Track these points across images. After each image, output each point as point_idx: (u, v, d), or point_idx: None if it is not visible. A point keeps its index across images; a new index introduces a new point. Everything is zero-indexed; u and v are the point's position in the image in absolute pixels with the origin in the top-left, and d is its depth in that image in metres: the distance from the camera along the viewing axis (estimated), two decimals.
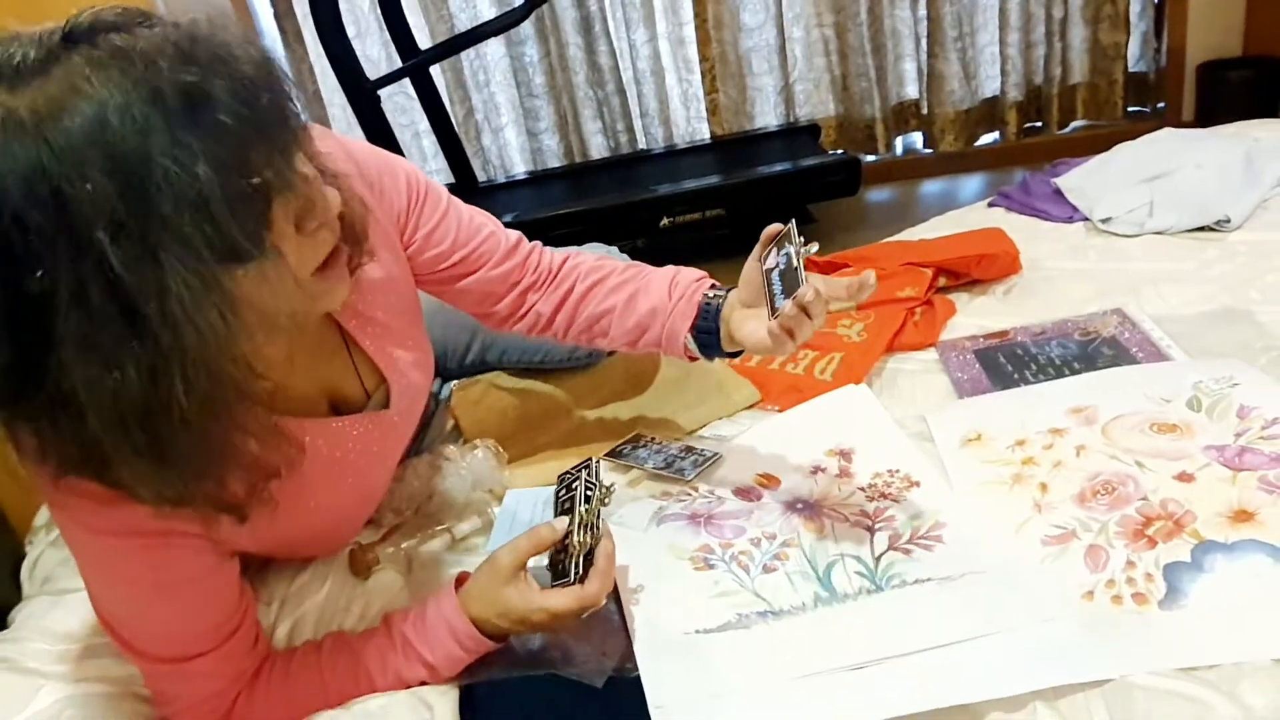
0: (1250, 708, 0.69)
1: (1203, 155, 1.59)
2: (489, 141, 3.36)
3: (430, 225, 0.93)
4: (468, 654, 0.81)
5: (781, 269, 0.83)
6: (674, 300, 0.95)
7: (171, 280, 0.55)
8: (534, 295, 1.01)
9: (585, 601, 0.79)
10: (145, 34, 0.57)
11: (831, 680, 0.77)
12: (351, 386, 0.89)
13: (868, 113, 3.29)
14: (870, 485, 1.02)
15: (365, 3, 3.13)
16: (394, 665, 0.81)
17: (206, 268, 0.56)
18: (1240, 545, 0.82)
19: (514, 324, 1.03)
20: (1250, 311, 1.20)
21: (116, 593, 0.74)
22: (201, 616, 0.76)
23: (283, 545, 0.92)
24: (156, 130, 0.54)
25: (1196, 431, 0.97)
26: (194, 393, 0.58)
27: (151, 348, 0.56)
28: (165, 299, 0.55)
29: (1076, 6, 3.13)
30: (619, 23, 3.21)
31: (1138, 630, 0.76)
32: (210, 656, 0.76)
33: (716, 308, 0.92)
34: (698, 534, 0.98)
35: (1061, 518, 0.90)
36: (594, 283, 1.00)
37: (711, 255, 3.04)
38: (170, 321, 0.56)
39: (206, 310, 0.57)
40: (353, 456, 0.88)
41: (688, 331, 0.94)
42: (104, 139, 0.53)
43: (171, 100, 0.55)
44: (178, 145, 0.54)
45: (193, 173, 0.54)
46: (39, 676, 0.87)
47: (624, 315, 0.98)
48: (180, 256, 0.55)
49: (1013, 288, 1.41)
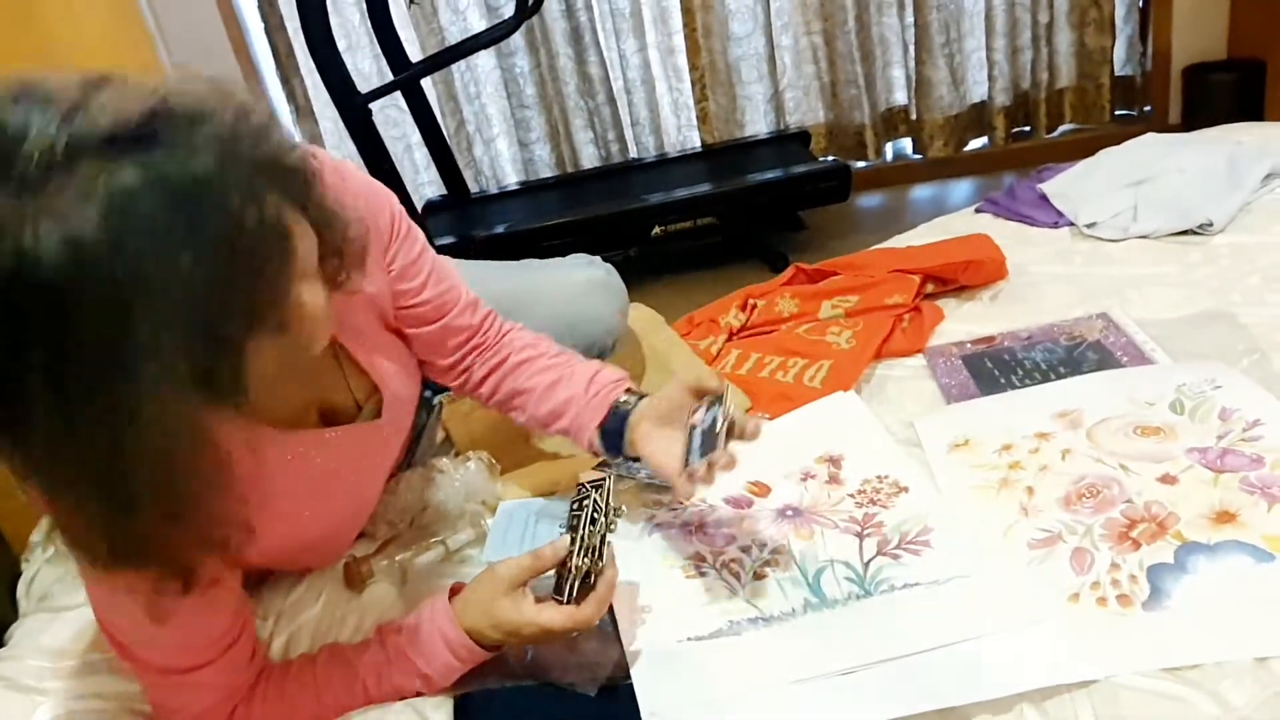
0: (1232, 706, 0.70)
1: (1186, 160, 1.61)
2: (481, 152, 3.37)
3: (408, 259, 0.94)
4: (462, 663, 0.82)
5: (704, 429, 0.88)
6: (589, 395, 0.97)
7: (145, 404, 0.54)
8: (475, 356, 1.04)
9: (578, 623, 0.80)
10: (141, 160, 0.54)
11: (822, 685, 0.78)
12: (342, 398, 0.90)
13: (857, 119, 3.31)
14: (859, 491, 1.03)
15: (356, 17, 3.14)
16: (389, 676, 0.82)
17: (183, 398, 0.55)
18: (1222, 546, 0.83)
19: (451, 378, 1.05)
20: (1233, 314, 1.21)
21: (119, 603, 0.75)
22: (203, 628, 0.77)
23: (279, 556, 0.93)
24: (144, 261, 0.52)
25: (1179, 434, 0.98)
26: (146, 478, 0.57)
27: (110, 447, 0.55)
28: (135, 419, 0.54)
29: (1062, 11, 3.15)
30: (609, 33, 3.23)
31: (1122, 631, 0.77)
32: (210, 668, 0.77)
33: (624, 413, 0.95)
34: (689, 542, 0.99)
35: (1047, 521, 0.91)
36: (524, 359, 1.03)
37: (703, 263, 3.06)
38: (136, 438, 0.55)
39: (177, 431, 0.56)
40: (345, 468, 0.89)
41: (595, 428, 0.96)
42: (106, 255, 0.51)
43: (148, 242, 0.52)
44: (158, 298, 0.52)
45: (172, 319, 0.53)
46: (37, 694, 0.88)
47: (542, 398, 1.00)
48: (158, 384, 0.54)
49: (999, 293, 1.43)
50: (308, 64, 2.97)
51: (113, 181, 0.52)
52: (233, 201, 0.55)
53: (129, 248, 0.51)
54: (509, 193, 3.29)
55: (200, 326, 0.54)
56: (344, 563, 0.99)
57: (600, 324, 1.26)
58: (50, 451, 0.55)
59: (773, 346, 1.38)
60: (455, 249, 2.80)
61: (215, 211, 0.54)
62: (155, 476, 0.57)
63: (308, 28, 2.55)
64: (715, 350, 1.41)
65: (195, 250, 0.53)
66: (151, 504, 0.58)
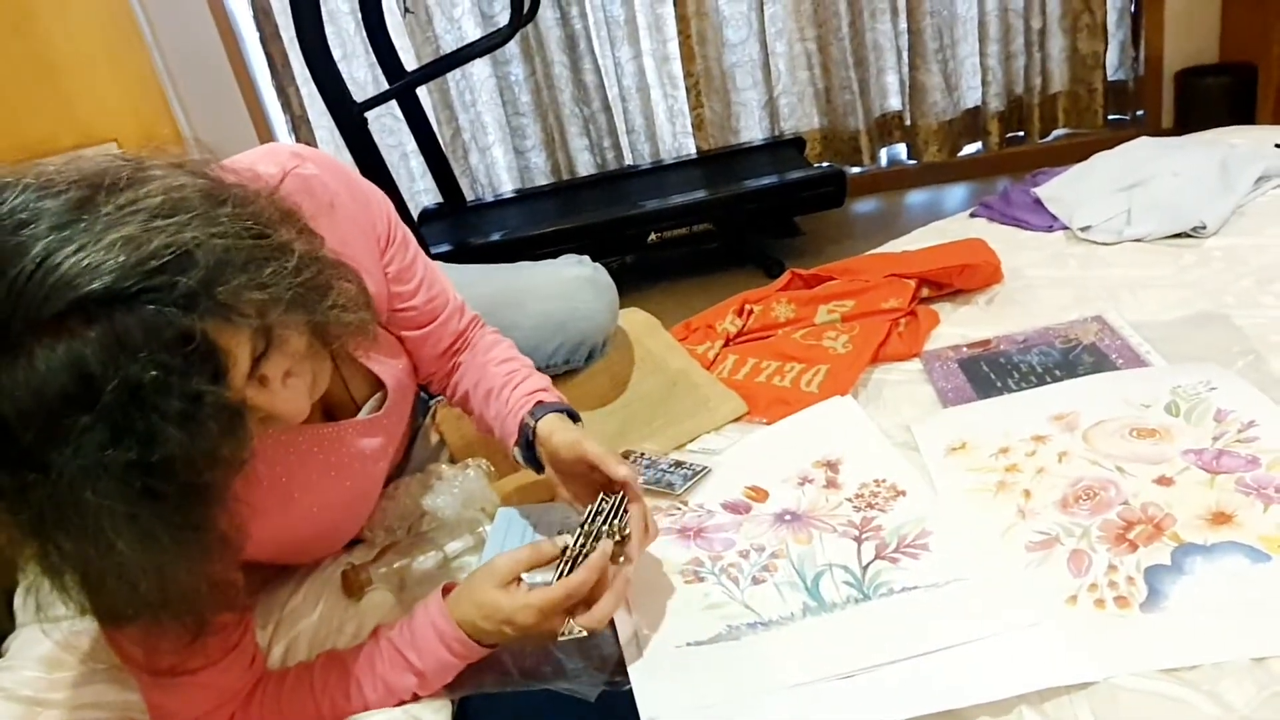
0: (1231, 706, 0.70)
1: (1179, 163, 1.62)
2: (476, 160, 3.38)
3: (402, 264, 0.96)
4: (456, 658, 0.81)
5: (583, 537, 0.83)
6: (508, 411, 0.98)
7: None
8: (460, 359, 1.06)
9: (570, 589, 0.78)
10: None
11: (821, 689, 0.78)
12: (340, 394, 0.92)
13: (852, 125, 3.32)
14: (857, 495, 1.03)
15: (351, 26, 3.15)
16: (382, 673, 0.81)
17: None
18: (1219, 547, 0.83)
19: (438, 382, 1.07)
20: (1226, 316, 1.21)
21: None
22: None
23: (283, 549, 0.94)
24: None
25: (1175, 436, 0.98)
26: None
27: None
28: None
29: (1055, 17, 3.17)
30: (603, 41, 3.24)
31: (1120, 633, 0.78)
32: (211, 670, 0.77)
33: (528, 438, 0.95)
34: (688, 547, 0.99)
35: (1045, 524, 0.91)
36: (481, 364, 1.04)
37: (699, 270, 3.07)
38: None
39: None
40: (348, 459, 0.90)
41: (514, 445, 0.98)
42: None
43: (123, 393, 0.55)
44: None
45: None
46: (34, 705, 0.88)
47: (481, 405, 1.03)
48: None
49: (995, 297, 1.43)
50: (303, 73, 2.98)
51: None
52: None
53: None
54: (505, 200, 3.29)
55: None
56: (341, 570, 0.99)
57: (590, 321, 1.27)
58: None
59: (769, 351, 1.39)
60: (451, 256, 2.80)
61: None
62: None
63: (303, 37, 2.56)
64: (712, 355, 1.41)
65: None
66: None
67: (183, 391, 0.55)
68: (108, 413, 0.54)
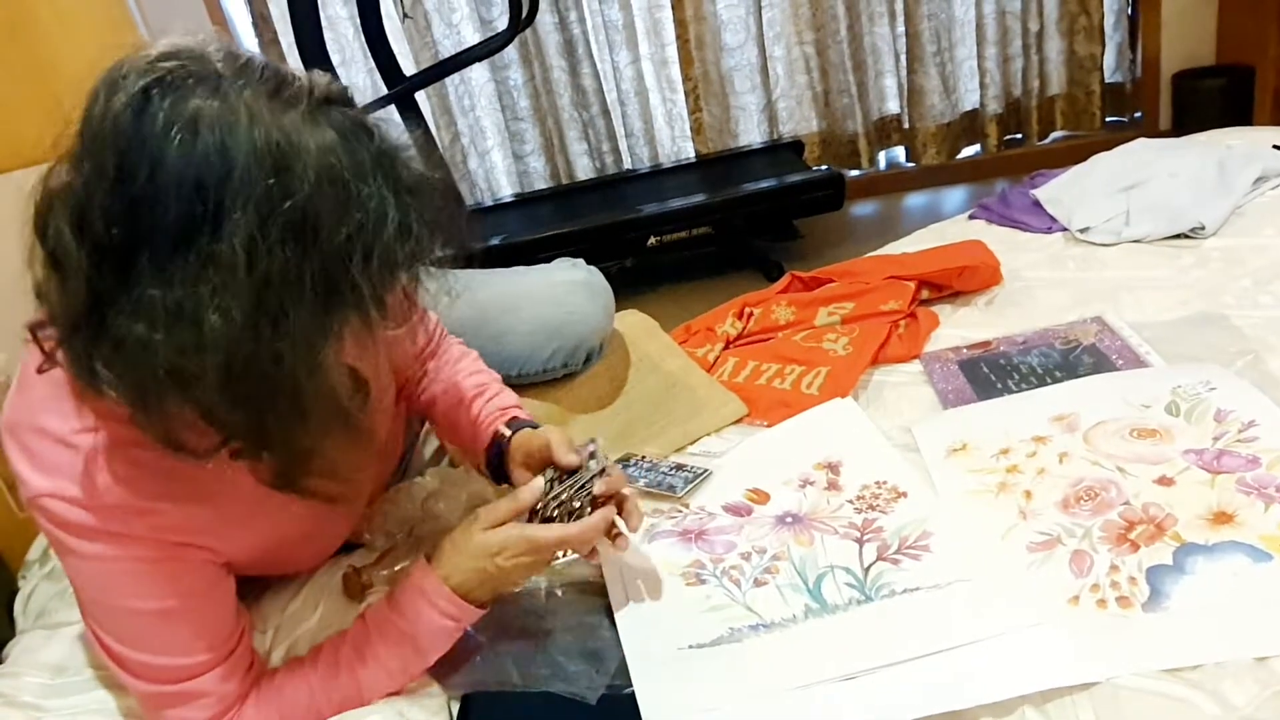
0: (1234, 706, 0.70)
1: (1177, 164, 1.62)
2: (476, 165, 3.38)
3: None
4: (444, 618, 0.80)
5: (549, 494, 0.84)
6: (478, 424, 1.00)
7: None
8: (429, 362, 1.07)
9: (568, 539, 0.78)
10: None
11: (824, 691, 0.78)
12: None
13: (850, 128, 3.33)
14: (858, 497, 1.03)
15: (350, 31, 3.16)
16: (375, 648, 0.80)
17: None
18: (1220, 546, 0.83)
19: (409, 387, 1.07)
20: (1225, 316, 1.22)
21: (120, 613, 0.75)
22: (203, 633, 0.77)
23: (276, 549, 0.92)
24: (372, 186, 0.61)
25: (1175, 436, 0.99)
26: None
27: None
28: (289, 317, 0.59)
29: (1052, 20, 3.18)
30: (602, 45, 3.25)
31: (1122, 633, 0.77)
32: (209, 676, 0.77)
33: (499, 447, 0.96)
34: (689, 550, 0.99)
35: (1046, 524, 0.91)
36: (449, 373, 1.06)
37: (698, 273, 3.07)
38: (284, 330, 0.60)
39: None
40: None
41: (482, 453, 0.99)
42: (331, 164, 0.60)
43: (390, 174, 0.63)
44: (381, 201, 0.61)
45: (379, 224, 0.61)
46: (35, 710, 0.88)
47: (445, 416, 1.04)
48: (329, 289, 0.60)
49: (994, 298, 1.44)
50: None
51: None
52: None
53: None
54: (504, 204, 3.30)
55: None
56: (343, 573, 0.99)
57: (586, 324, 1.28)
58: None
59: (770, 354, 1.39)
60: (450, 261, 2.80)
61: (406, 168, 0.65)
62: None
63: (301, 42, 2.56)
64: (712, 358, 1.41)
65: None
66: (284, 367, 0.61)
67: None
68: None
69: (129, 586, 0.73)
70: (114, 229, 0.58)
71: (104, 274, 0.59)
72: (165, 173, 0.57)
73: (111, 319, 0.59)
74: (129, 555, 0.72)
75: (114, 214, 0.58)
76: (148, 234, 0.57)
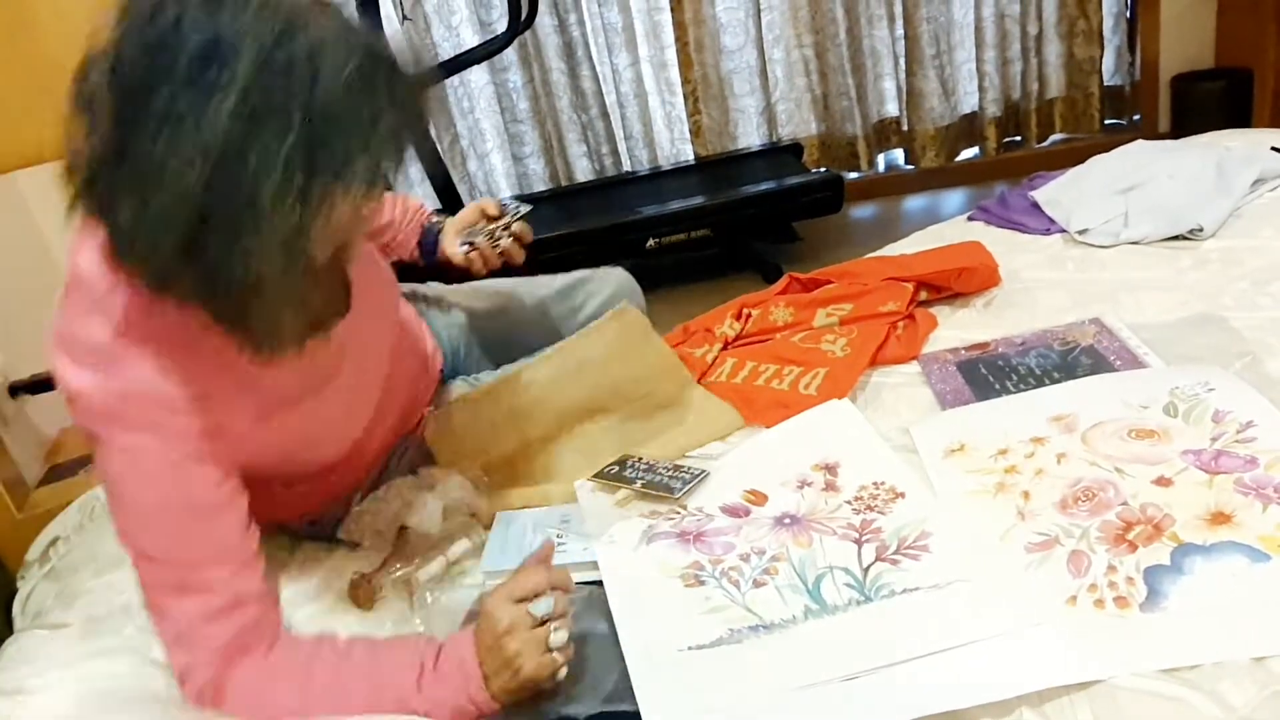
0: (1232, 706, 0.70)
1: (1175, 166, 1.63)
2: (475, 167, 3.38)
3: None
4: (460, 697, 0.81)
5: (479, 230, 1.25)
6: (405, 221, 1.29)
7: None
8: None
9: (519, 577, 0.84)
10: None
11: (824, 692, 0.78)
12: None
13: (849, 131, 3.33)
14: (857, 498, 1.03)
15: None
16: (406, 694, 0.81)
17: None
18: (1218, 547, 0.83)
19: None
20: (1224, 317, 1.22)
21: (141, 505, 0.80)
22: (215, 533, 0.81)
23: (292, 449, 0.95)
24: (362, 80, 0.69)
25: (1174, 437, 0.99)
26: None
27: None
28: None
29: (1051, 23, 3.18)
30: (601, 48, 3.25)
31: (1120, 633, 0.78)
32: (218, 571, 0.80)
33: (435, 231, 1.28)
34: (688, 551, 0.99)
35: (1044, 525, 0.91)
36: None
37: (697, 276, 3.07)
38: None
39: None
40: (342, 362, 0.96)
41: (415, 244, 1.29)
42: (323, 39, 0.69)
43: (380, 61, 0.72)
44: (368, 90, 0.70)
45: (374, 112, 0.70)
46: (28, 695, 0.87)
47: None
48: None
49: (993, 300, 1.44)
50: None
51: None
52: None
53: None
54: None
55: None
56: (350, 581, 0.99)
57: (605, 278, 1.38)
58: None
59: (768, 355, 1.39)
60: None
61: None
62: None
63: None
64: (710, 359, 1.41)
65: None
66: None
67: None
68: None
69: (153, 480, 0.79)
70: (139, 67, 0.66)
71: (126, 108, 0.67)
72: (189, 21, 0.66)
73: (132, 147, 0.66)
74: (157, 449, 0.79)
75: (140, 52, 0.67)
76: (167, 69, 0.65)
